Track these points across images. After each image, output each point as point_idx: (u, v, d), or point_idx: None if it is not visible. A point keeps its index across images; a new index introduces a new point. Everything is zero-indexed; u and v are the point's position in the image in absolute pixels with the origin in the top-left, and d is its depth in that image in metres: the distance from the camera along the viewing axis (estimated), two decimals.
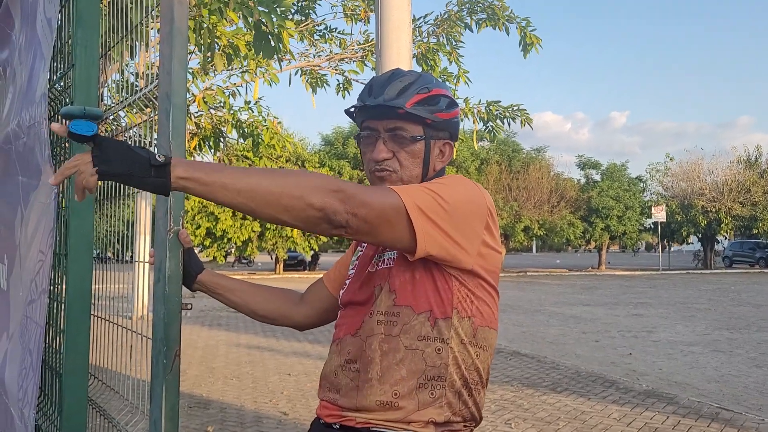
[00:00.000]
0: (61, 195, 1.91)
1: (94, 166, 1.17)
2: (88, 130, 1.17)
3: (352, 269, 1.60)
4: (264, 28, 3.73)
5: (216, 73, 6.76)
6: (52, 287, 1.98)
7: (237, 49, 4.87)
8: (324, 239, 31.51)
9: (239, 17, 4.15)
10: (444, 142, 1.51)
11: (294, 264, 35.15)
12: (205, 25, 4.52)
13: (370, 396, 1.39)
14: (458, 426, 1.42)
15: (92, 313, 1.87)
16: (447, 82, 7.78)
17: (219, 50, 4.85)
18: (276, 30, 3.76)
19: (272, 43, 3.75)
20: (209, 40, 4.60)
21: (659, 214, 32.40)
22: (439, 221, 1.34)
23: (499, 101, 7.72)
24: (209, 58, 4.84)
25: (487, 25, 7.31)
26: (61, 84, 2.07)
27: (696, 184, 35.64)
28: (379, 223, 1.29)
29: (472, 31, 7.51)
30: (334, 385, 1.46)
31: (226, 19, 4.65)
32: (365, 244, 1.61)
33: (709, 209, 34.33)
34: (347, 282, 1.58)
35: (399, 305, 1.39)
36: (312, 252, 32.49)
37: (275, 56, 3.81)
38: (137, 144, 2.18)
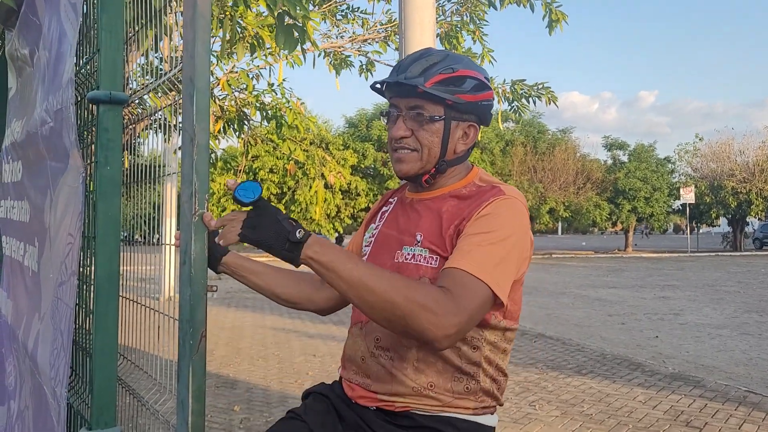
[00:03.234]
0: (88, 178, 1.94)
1: (241, 227, 1.33)
2: (249, 197, 1.31)
3: (367, 246, 1.60)
4: (288, 20, 3.70)
5: (237, 60, 6.77)
6: (81, 269, 2.02)
7: (261, 40, 4.86)
8: (348, 222, 31.58)
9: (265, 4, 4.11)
10: (469, 124, 1.50)
11: None
12: (228, 14, 4.51)
13: (405, 383, 1.42)
14: (489, 408, 1.48)
15: (121, 294, 1.90)
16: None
17: (243, 40, 4.84)
18: (300, 22, 3.71)
19: (296, 35, 3.72)
20: (233, 31, 4.59)
21: (688, 196, 31.90)
22: (511, 276, 1.37)
23: (524, 80, 7.62)
24: (233, 46, 4.83)
25: (510, 2, 7.19)
26: (87, 69, 2.09)
27: (726, 164, 34.95)
28: (476, 319, 1.32)
29: (496, 9, 7.40)
30: (362, 370, 1.49)
31: (250, 8, 4.63)
32: (380, 221, 1.62)
33: (739, 190, 33.67)
34: (364, 260, 1.57)
35: None
36: (336, 234, 32.62)
37: (297, 46, 3.77)
38: (165, 127, 2.20)
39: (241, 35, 4.72)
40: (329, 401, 1.55)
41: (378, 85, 1.52)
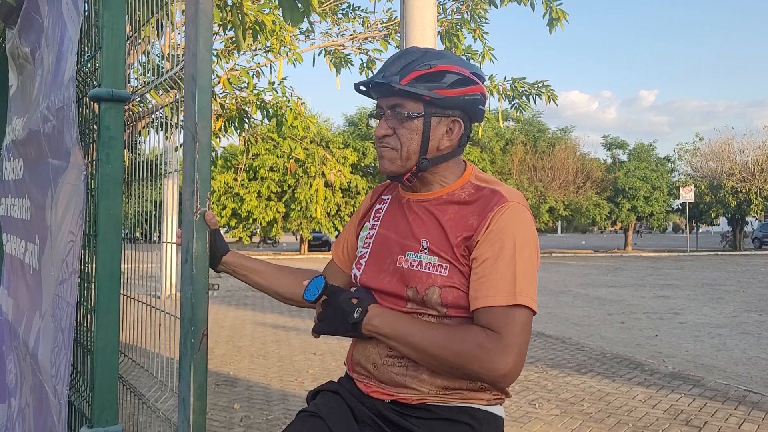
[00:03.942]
0: (90, 176, 1.94)
1: (315, 322, 1.52)
2: (314, 293, 1.49)
3: (365, 248, 1.59)
4: None
5: (240, 52, 6.76)
6: (82, 267, 2.02)
7: (263, 25, 4.83)
8: (348, 220, 31.58)
9: None
10: (452, 119, 1.47)
11: (318, 244, 35.38)
12: (231, 2, 4.49)
13: (421, 389, 1.43)
14: (500, 399, 1.50)
15: (122, 292, 1.90)
16: (472, 60, 7.67)
17: (244, 27, 4.82)
18: None
19: (300, 9, 3.69)
20: (239, 19, 4.56)
21: (687, 195, 31.91)
22: (536, 283, 1.42)
23: (524, 78, 7.61)
24: (242, 36, 4.79)
25: (510, 0, 7.17)
26: (89, 66, 2.09)
27: (726, 164, 34.95)
28: (526, 346, 1.38)
29: (497, 7, 7.39)
30: (374, 376, 1.49)
31: None
32: (376, 220, 1.61)
33: (739, 190, 33.68)
34: (363, 262, 1.57)
35: (451, 315, 1.42)
36: (336, 233, 32.62)
37: (303, 20, 3.73)
38: (166, 125, 2.19)
39: (241, 21, 4.69)
40: (340, 397, 1.55)
41: (362, 88, 1.53)
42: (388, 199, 1.63)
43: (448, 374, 1.41)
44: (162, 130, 2.29)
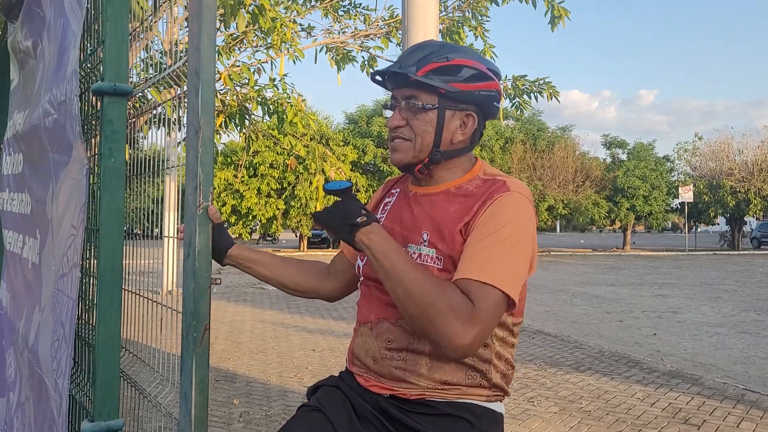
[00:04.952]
0: (91, 171, 1.93)
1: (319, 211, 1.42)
2: (334, 187, 1.42)
3: None
4: None
5: (241, 49, 6.74)
6: (84, 262, 2.02)
7: (262, 8, 4.81)
8: None
9: None
10: (466, 113, 1.48)
11: (318, 242, 35.38)
12: None
13: (419, 383, 1.43)
14: (499, 396, 1.50)
15: (123, 287, 1.90)
16: None
17: (243, 7, 4.80)
18: None
19: None
20: (232, 2, 4.53)
21: (686, 194, 31.93)
22: (521, 273, 1.39)
23: (526, 75, 7.61)
24: (232, 17, 4.74)
25: None
26: (91, 61, 2.08)
27: (725, 163, 34.99)
28: (492, 327, 1.34)
29: (498, 5, 7.38)
30: (374, 370, 1.49)
31: None
32: (383, 213, 1.61)
33: (738, 189, 33.72)
34: None
35: None
36: None
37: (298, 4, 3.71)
38: (167, 121, 2.19)
39: (240, 2, 4.66)
40: (341, 392, 1.55)
41: (378, 77, 1.53)
42: (396, 192, 1.64)
43: (444, 366, 1.41)
44: (163, 125, 2.29)
